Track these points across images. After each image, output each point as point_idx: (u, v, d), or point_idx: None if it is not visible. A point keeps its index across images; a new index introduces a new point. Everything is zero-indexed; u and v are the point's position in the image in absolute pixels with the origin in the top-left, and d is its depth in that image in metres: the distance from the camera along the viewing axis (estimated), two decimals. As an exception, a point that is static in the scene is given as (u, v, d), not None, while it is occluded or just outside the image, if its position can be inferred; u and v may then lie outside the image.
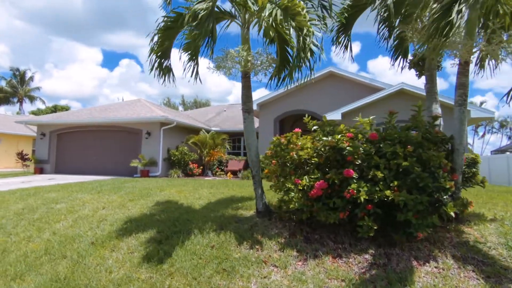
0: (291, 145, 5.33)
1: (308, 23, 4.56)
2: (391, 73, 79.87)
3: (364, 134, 5.07)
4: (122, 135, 17.97)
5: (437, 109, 5.50)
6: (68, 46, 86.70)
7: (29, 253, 5.01)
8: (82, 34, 79.28)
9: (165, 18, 5.26)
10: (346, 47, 6.79)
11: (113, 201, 7.33)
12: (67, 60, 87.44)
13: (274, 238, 4.95)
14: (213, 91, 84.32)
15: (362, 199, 4.25)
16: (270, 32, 5.92)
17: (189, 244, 4.97)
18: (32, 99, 47.49)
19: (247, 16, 5.43)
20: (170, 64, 5.90)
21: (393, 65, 6.81)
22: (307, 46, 4.57)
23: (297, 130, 5.72)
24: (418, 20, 5.36)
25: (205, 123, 22.07)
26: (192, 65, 5.56)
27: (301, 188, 4.76)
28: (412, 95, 14.94)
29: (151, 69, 5.68)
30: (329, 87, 17.27)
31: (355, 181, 4.38)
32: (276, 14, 4.49)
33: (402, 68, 6.58)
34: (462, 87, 4.73)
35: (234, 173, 17.77)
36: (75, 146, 18.78)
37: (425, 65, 5.71)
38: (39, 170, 18.29)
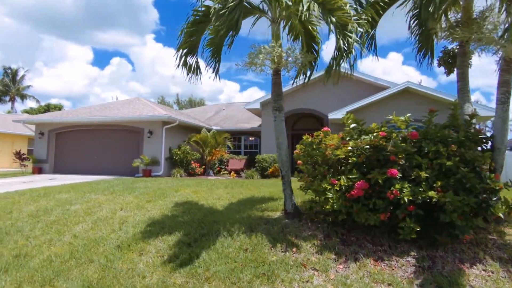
0: (323, 144, 5.19)
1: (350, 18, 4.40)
2: (380, 72, 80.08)
3: (398, 133, 4.96)
4: (123, 134, 17.71)
5: (470, 108, 5.40)
6: (58, 44, 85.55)
7: (53, 257, 4.80)
8: (72, 32, 78.25)
9: (194, 12, 5.08)
10: (370, 45, 6.66)
11: (129, 202, 7.13)
12: (57, 59, 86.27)
13: (309, 240, 4.81)
14: (204, 90, 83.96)
15: (406, 200, 4.14)
16: (297, 28, 5.78)
17: (220, 247, 4.81)
18: (24, 97, 46.72)
19: (278, 10, 5.26)
20: (197, 60, 5.71)
21: (421, 62, 6.74)
22: (351, 43, 4.42)
23: (326, 129, 5.60)
24: (452, 16, 5.25)
25: (205, 122, 21.85)
26: (214, 62, 5.39)
27: (337, 188, 4.64)
28: (417, 94, 14.92)
29: (178, 65, 5.50)
30: (332, 85, 17.10)
31: (398, 181, 4.26)
32: (314, 9, 4.35)
33: (429, 66, 6.50)
34: (506, 84, 4.63)
35: (236, 172, 17.62)
36: (75, 145, 18.46)
37: (456, 63, 5.60)
38: (38, 170, 17.94)
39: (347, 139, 5.18)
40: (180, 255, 4.67)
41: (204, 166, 17.84)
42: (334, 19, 4.42)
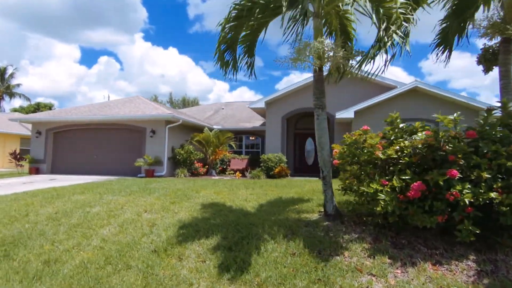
0: (367, 144, 5.01)
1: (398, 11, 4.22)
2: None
3: (445, 132, 4.81)
4: (124, 133, 17.32)
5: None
6: (45, 42, 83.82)
7: (87, 263, 4.51)
8: (59, 31, 76.61)
9: (236, 6, 4.84)
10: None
11: (152, 204, 6.84)
12: (43, 57, 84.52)
13: (358, 244, 4.62)
14: (193, 89, 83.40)
15: (466, 201, 3.98)
16: (333, 24, 5.59)
17: (265, 251, 4.59)
18: (12, 96, 45.61)
19: (322, 3, 5.03)
20: (235, 57, 5.47)
21: (437, 58, 6.67)
22: (395, 38, 4.23)
23: (365, 127, 5.41)
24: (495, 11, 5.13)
25: (205, 121, 21.55)
26: (248, 59, 5.17)
27: (388, 189, 4.46)
28: (425, 93, 14.90)
29: (217, 61, 5.25)
30: (338, 84, 16.97)
31: (457, 182, 4.09)
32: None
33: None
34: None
35: (239, 172, 17.40)
36: (73, 145, 18.00)
37: (497, 60, 5.48)
38: (35, 170, 17.44)
39: (391, 138, 5.01)
40: (224, 260, 4.43)
41: (207, 166, 17.54)
42: (382, 11, 4.22)
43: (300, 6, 4.15)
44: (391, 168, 4.69)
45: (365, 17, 5.73)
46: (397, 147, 4.70)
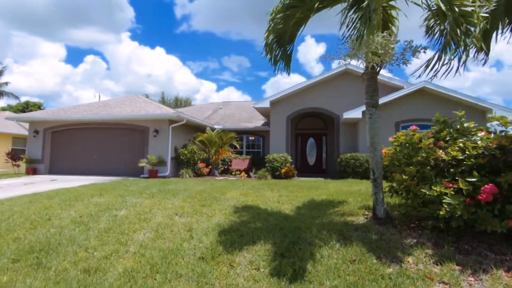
0: (422, 144, 4.78)
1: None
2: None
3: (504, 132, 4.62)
4: (126, 133, 16.85)
5: None
6: (29, 40, 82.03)
7: (132, 272, 4.16)
8: (44, 29, 75.02)
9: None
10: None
11: (182, 207, 6.49)
12: (28, 55, 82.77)
13: (419, 249, 4.38)
14: (180, 89, 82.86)
15: (543, 205, 3.78)
16: (377, 18, 5.33)
17: (321, 258, 4.31)
18: (0, 95, 44.23)
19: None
20: (289, 50, 5.18)
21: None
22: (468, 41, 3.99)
23: (414, 127, 5.19)
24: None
25: (205, 121, 21.21)
26: (281, 52, 4.88)
27: (452, 192, 4.23)
28: (432, 93, 14.85)
29: (266, 55, 4.96)
30: (343, 85, 16.94)
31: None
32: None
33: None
34: None
35: (243, 172, 17.14)
36: (72, 144, 17.45)
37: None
38: (32, 171, 16.84)
39: (446, 138, 4.79)
40: (280, 267, 4.14)
41: (210, 166, 17.20)
42: (457, 11, 3.98)
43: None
44: (451, 170, 4.46)
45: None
46: (457, 148, 4.48)
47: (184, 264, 4.32)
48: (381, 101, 14.85)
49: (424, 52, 4.66)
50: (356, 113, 15.17)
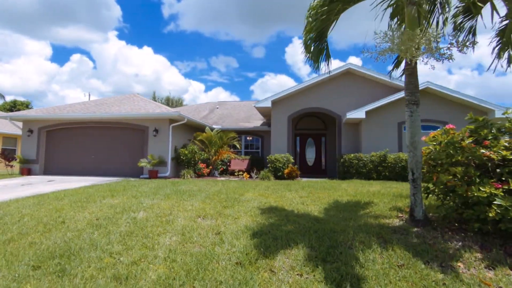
0: (464, 143, 4.60)
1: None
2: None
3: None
4: (125, 132, 16.42)
5: None
6: (13, 38, 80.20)
7: (166, 279, 3.86)
8: (28, 27, 73.39)
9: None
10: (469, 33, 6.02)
11: (202, 208, 6.20)
12: (12, 54, 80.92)
13: (468, 253, 4.19)
14: (167, 89, 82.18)
15: None
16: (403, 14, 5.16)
17: (365, 262, 4.08)
18: (-14, 94, 43.04)
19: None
20: (327, 47, 4.94)
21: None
22: None
23: (451, 126, 5.01)
24: None
25: (202, 121, 20.90)
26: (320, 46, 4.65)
27: (502, 194, 4.05)
28: (434, 94, 14.83)
29: (305, 50, 4.71)
30: (345, 85, 16.83)
31: None
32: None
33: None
34: None
35: (244, 173, 16.89)
36: (68, 144, 16.93)
37: None
38: (27, 171, 16.28)
39: (488, 138, 4.62)
40: (325, 273, 3.89)
41: (211, 167, 16.89)
42: None
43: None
44: (497, 170, 4.28)
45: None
46: (502, 147, 4.30)
47: (221, 270, 4.04)
48: (383, 102, 14.84)
49: (472, 46, 4.48)
50: (359, 113, 15.06)
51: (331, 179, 14.15)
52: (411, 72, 4.95)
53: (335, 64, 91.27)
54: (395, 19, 5.62)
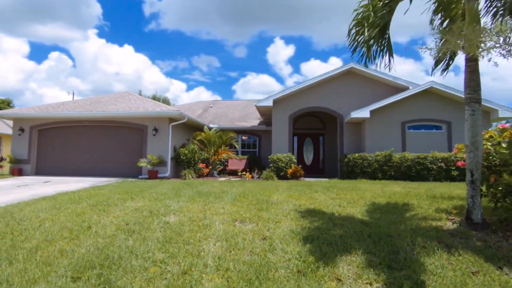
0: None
1: None
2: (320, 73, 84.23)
3: None
4: (123, 131, 15.87)
5: None
6: (-11, 36, 77.68)
7: (227, 291, 3.54)
8: (5, 23, 70.96)
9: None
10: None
11: (236, 212, 5.85)
12: (-13, 51, 78.31)
13: (539, 258, 4.01)
14: (149, 88, 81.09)
15: None
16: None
17: (434, 269, 3.84)
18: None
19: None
20: (388, 44, 4.68)
21: None
22: None
23: (504, 126, 4.83)
24: None
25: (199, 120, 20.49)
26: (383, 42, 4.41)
27: None
28: (438, 93, 14.85)
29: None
30: (346, 84, 16.71)
31: None
32: None
33: None
34: None
35: (238, 173, 16.64)
36: (62, 143, 16.25)
37: None
38: (17, 171, 15.54)
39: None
40: (395, 281, 3.62)
41: (210, 167, 16.51)
42: None
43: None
44: None
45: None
46: None
47: (284, 279, 3.72)
48: (387, 101, 14.78)
49: None
50: (364, 113, 14.95)
51: (334, 179, 13.99)
52: (473, 69, 4.74)
53: (316, 66, 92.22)
54: (439, 15, 5.41)
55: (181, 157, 15.59)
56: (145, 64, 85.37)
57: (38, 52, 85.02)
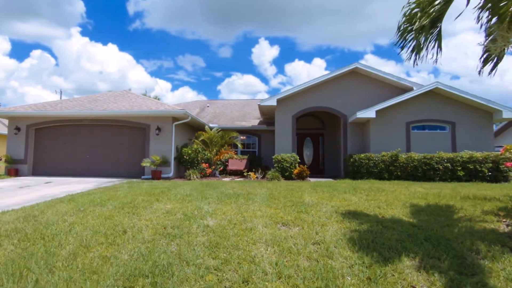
0: None
1: None
2: (305, 76, 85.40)
3: None
4: (124, 130, 15.41)
5: None
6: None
7: (300, 301, 3.27)
8: None
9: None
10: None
11: (275, 214, 5.56)
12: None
13: None
14: (133, 88, 80.00)
15: None
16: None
17: (509, 276, 3.67)
18: None
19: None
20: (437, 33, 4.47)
21: None
22: None
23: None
24: None
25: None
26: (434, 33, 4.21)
27: None
28: (442, 94, 14.85)
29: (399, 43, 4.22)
30: (350, 84, 16.60)
31: None
32: None
33: None
34: None
35: (238, 173, 16.38)
36: (60, 143, 15.70)
37: None
38: (14, 172, 14.93)
39: None
40: (475, 288, 3.43)
41: (213, 167, 16.19)
42: None
43: None
44: None
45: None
46: None
47: (355, 287, 3.48)
48: (392, 102, 14.71)
49: None
50: (369, 113, 14.85)
51: (342, 179, 13.86)
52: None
53: (300, 66, 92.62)
54: (487, 12, 5.25)
55: (185, 157, 15.22)
56: (129, 63, 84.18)
57: (20, 50, 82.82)
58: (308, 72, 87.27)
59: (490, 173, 12.93)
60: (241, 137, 21.30)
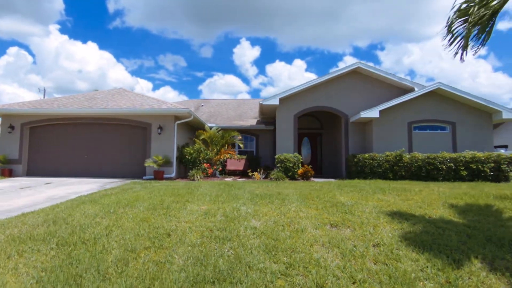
0: None
1: None
2: (286, 77, 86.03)
3: None
4: (124, 129, 14.87)
5: None
6: None
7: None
8: None
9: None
10: None
11: (318, 215, 5.33)
12: None
13: None
14: (113, 86, 78.48)
15: None
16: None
17: None
18: None
19: None
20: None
21: None
22: None
23: None
24: None
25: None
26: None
27: None
28: (444, 95, 14.95)
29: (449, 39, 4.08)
30: (352, 84, 16.55)
31: None
32: None
33: None
34: None
35: (237, 173, 16.14)
36: (56, 142, 15.01)
37: None
38: (8, 172, 14.20)
39: None
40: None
41: (214, 167, 15.86)
42: None
43: None
44: None
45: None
46: None
47: (437, 292, 3.29)
48: (395, 102, 14.72)
49: None
50: (373, 113, 14.80)
51: (341, 179, 13.79)
52: None
53: (281, 67, 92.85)
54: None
55: (187, 156, 14.79)
56: (109, 62, 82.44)
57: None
58: (289, 73, 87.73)
59: (492, 173, 13.04)
60: (238, 137, 21.01)
